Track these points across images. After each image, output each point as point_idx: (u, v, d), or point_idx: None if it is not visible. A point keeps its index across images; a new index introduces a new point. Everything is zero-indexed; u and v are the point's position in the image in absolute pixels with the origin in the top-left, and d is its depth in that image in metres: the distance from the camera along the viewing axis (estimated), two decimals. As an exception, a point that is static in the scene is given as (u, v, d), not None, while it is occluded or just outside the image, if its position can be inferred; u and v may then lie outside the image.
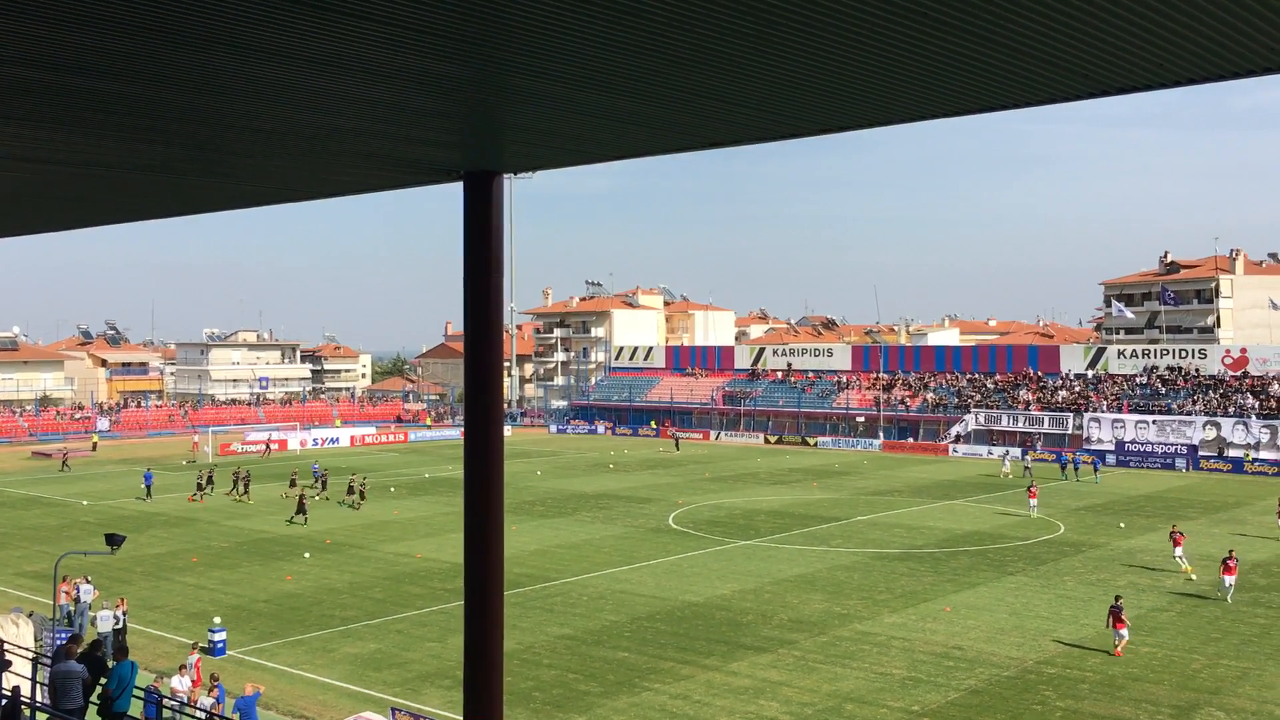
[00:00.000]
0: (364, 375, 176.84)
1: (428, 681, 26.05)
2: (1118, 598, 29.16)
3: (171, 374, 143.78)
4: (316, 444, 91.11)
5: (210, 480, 59.62)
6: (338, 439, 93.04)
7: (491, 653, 8.62)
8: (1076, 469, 67.97)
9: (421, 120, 5.53)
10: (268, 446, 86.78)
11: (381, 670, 27.06)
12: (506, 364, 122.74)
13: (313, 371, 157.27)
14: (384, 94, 4.89)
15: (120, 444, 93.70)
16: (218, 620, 29.48)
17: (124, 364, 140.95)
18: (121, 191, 8.95)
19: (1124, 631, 27.95)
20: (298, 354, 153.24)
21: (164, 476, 68.78)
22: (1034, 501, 51.66)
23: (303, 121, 5.51)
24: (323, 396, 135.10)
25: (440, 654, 28.09)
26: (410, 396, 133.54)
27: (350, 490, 56.61)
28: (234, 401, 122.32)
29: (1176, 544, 38.21)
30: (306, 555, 41.90)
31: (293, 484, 59.14)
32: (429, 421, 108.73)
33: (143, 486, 58.87)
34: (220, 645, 28.32)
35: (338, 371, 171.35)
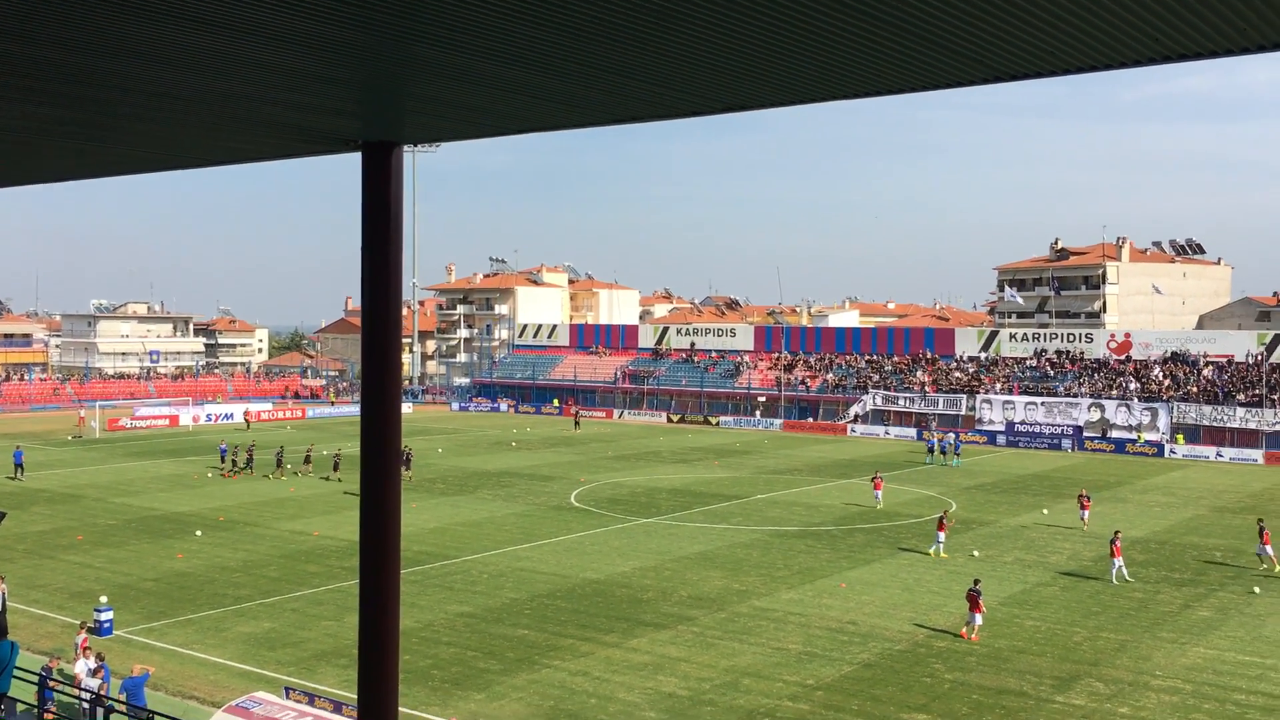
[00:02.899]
0: (260, 350, 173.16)
1: (324, 660, 25.71)
2: (976, 581, 29.23)
3: (56, 346, 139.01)
4: (210, 420, 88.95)
5: (251, 458, 58.42)
6: (232, 414, 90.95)
7: (387, 631, 8.52)
8: (943, 452, 67.56)
9: (317, 87, 5.41)
10: (247, 420, 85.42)
11: (276, 649, 26.62)
12: (408, 340, 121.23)
13: (206, 345, 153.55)
14: (279, 58, 4.76)
15: (1, 418, 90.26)
16: (104, 599, 28.67)
17: (6, 335, 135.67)
18: (1, 155, 8.58)
19: (979, 616, 27.87)
20: (190, 327, 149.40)
21: (46, 452, 66.58)
22: (879, 493, 48.91)
23: (193, 85, 5.34)
24: (216, 371, 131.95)
25: (337, 633, 27.74)
26: (309, 372, 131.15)
27: (406, 464, 55.71)
28: (123, 376, 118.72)
29: (941, 529, 38.28)
30: (198, 533, 40.96)
31: (335, 467, 56.45)
32: (332, 398, 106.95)
33: (13, 464, 56.55)
34: (107, 625, 27.54)
35: (233, 346, 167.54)
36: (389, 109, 6.48)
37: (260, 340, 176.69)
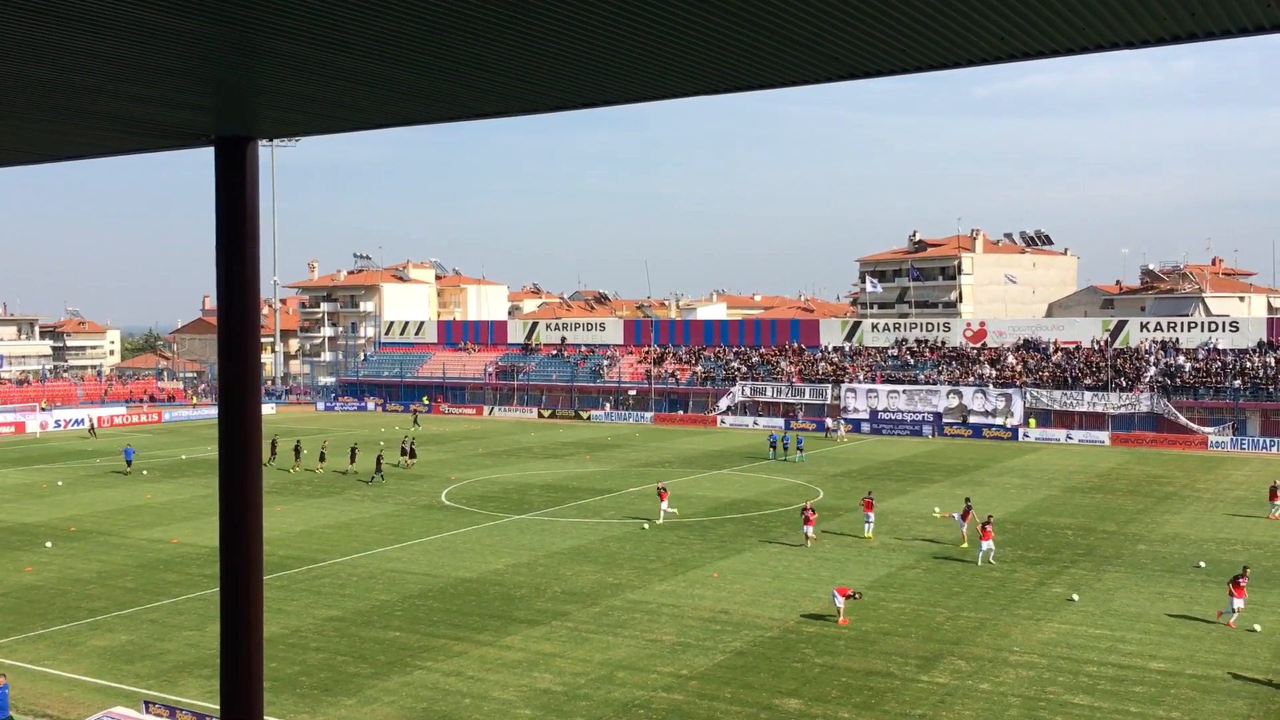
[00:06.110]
0: (112, 352, 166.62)
1: (185, 672, 24.87)
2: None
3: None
4: (59, 425, 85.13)
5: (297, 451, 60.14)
6: (83, 420, 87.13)
7: (250, 638, 8.28)
8: (785, 447, 64.69)
9: (162, 79, 5.18)
10: (91, 426, 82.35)
11: (134, 663, 25.64)
12: (269, 340, 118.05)
13: (54, 348, 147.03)
14: (117, 49, 4.55)
15: None
16: (-55, 619, 27.17)
17: None
18: None
19: (840, 600, 28.60)
20: (36, 329, 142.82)
21: (-120, 464, 62.77)
22: (665, 504, 43.78)
23: (26, 76, 5.07)
24: (65, 375, 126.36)
25: (199, 642, 26.86)
26: (165, 374, 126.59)
27: (404, 451, 59.85)
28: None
29: (808, 522, 38.61)
30: (48, 544, 39.14)
31: (406, 453, 60.29)
32: (194, 400, 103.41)
33: None
34: (-52, 645, 26.10)
35: (83, 348, 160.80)
36: (241, 103, 6.26)
37: (112, 342, 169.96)
